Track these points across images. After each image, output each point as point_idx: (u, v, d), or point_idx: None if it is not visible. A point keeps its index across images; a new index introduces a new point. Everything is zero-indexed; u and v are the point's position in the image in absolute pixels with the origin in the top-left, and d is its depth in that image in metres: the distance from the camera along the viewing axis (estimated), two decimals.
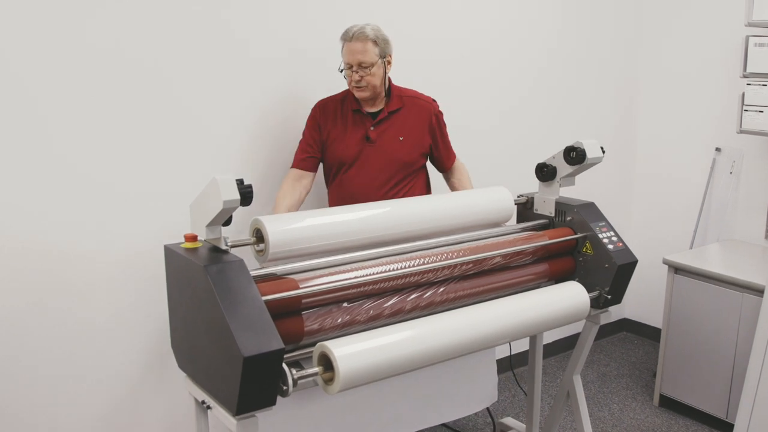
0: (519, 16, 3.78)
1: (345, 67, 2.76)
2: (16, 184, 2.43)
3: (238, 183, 1.88)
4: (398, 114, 2.87)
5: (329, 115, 2.86)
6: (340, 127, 2.85)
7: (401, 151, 2.86)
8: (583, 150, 2.65)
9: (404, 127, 2.87)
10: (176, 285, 2.07)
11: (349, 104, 2.86)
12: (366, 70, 2.73)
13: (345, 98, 2.89)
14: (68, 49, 2.47)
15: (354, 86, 2.77)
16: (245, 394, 1.78)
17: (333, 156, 2.85)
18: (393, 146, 2.85)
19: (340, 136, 2.84)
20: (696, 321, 3.55)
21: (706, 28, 4.12)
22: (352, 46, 2.71)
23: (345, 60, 2.75)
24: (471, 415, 3.63)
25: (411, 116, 2.90)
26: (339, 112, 2.87)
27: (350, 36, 2.72)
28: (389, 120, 2.86)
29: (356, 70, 2.73)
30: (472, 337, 2.20)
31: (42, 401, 2.60)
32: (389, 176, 2.85)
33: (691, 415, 3.66)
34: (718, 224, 4.13)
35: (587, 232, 2.64)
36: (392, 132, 2.85)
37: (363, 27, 2.72)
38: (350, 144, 2.83)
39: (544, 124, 4.03)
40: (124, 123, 2.63)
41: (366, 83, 2.75)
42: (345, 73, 2.78)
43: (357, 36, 2.71)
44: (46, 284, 2.54)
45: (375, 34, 2.73)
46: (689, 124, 4.27)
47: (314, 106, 2.91)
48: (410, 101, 2.91)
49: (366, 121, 2.85)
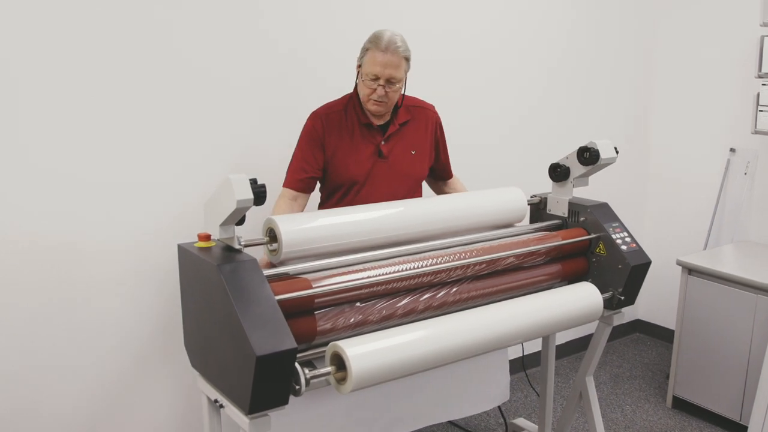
0: (531, 15, 3.77)
1: (368, 77, 2.51)
2: (26, 182, 2.45)
3: (252, 182, 1.89)
4: (408, 126, 2.71)
5: (333, 129, 2.60)
6: (348, 141, 2.61)
7: (414, 165, 2.72)
8: (597, 150, 2.64)
9: (415, 139, 2.72)
10: (190, 284, 2.07)
11: (354, 116, 2.62)
12: (393, 86, 2.52)
13: (347, 108, 2.64)
14: (77, 46, 2.48)
15: (374, 99, 2.54)
16: (258, 393, 1.78)
17: (343, 174, 2.62)
18: (406, 161, 2.69)
19: (349, 152, 2.61)
20: (710, 322, 3.53)
21: (720, 28, 4.10)
22: (386, 58, 2.47)
23: (371, 70, 2.49)
24: (483, 416, 3.63)
25: (420, 127, 2.75)
26: (344, 124, 2.62)
27: (384, 46, 2.48)
28: (400, 133, 2.69)
29: (383, 84, 2.51)
30: (485, 337, 2.19)
31: (50, 399, 2.61)
32: (405, 193, 2.70)
33: (705, 417, 3.64)
34: (732, 225, 4.11)
35: (600, 232, 2.63)
36: (403, 145, 2.69)
37: (395, 38, 2.50)
38: (362, 160, 2.62)
39: (557, 124, 4.02)
40: (137, 120, 2.64)
41: (388, 99, 2.55)
42: (365, 83, 2.53)
43: (393, 49, 2.48)
44: (58, 283, 2.56)
45: (407, 50, 2.53)
46: (703, 124, 4.25)
47: (312, 118, 2.63)
48: (417, 111, 2.75)
49: (375, 135, 2.65)
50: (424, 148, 2.76)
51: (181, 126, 2.74)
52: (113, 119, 2.58)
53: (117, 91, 2.58)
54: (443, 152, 2.88)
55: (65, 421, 2.65)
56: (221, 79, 2.80)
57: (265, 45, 2.88)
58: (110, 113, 2.57)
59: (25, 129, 2.42)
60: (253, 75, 2.87)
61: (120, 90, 2.58)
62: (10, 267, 2.45)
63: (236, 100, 2.85)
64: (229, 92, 2.83)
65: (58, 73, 2.45)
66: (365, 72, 2.52)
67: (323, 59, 3.03)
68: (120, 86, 2.58)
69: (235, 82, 2.83)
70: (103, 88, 2.54)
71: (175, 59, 2.68)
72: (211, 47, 2.75)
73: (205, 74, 2.76)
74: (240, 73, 2.84)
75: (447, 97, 3.26)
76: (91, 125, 2.54)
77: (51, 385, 2.60)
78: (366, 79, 2.52)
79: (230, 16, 2.77)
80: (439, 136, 2.84)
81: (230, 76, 2.82)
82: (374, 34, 2.53)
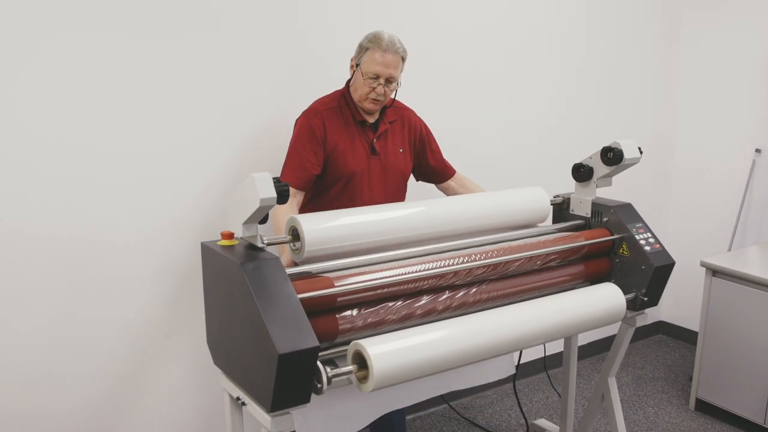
0: (555, 16, 3.76)
1: (368, 76, 2.54)
2: (47, 178, 2.47)
3: (275, 181, 1.89)
4: (395, 125, 2.76)
5: (333, 125, 2.62)
6: (346, 137, 2.64)
7: (402, 163, 2.76)
8: (621, 150, 2.62)
9: (402, 138, 2.77)
10: (212, 282, 2.08)
11: (349, 113, 2.65)
12: (390, 85, 2.57)
13: (341, 106, 2.66)
14: (86, 44, 2.50)
15: (371, 98, 2.58)
16: (280, 391, 1.79)
17: (341, 169, 2.63)
18: (396, 158, 2.74)
19: (348, 147, 2.63)
20: (734, 324, 3.50)
21: (746, 28, 4.06)
22: (387, 58, 2.52)
23: (371, 69, 2.53)
24: (504, 416, 3.62)
25: (405, 127, 2.79)
26: (341, 120, 2.64)
27: (385, 46, 2.53)
28: (389, 131, 2.73)
29: (382, 83, 2.55)
30: (507, 337, 2.18)
31: (69, 396, 2.64)
32: (396, 190, 2.75)
33: (728, 420, 3.61)
34: (757, 226, 4.07)
35: (624, 233, 2.61)
36: (393, 144, 2.73)
37: (394, 39, 2.56)
38: (358, 156, 2.64)
39: (582, 124, 4.00)
40: (158, 119, 2.66)
41: (385, 98, 2.60)
42: (365, 81, 2.56)
43: (393, 49, 2.54)
44: (75, 280, 2.58)
45: (405, 51, 2.59)
46: (728, 124, 4.21)
47: (308, 115, 2.63)
48: (402, 112, 2.80)
49: (368, 133, 2.68)
50: (408, 147, 2.80)
51: (197, 123, 2.75)
52: (129, 116, 2.60)
53: (139, 90, 2.60)
54: (437, 152, 2.90)
55: (83, 419, 2.68)
56: (239, 77, 2.82)
57: (295, 41, 2.89)
58: (126, 111, 2.59)
59: (39, 128, 2.44)
60: (275, 73, 2.88)
61: (141, 89, 2.60)
62: (25, 263, 2.47)
63: (255, 98, 2.87)
64: (246, 90, 2.84)
65: (89, 76, 2.48)
66: (365, 71, 2.55)
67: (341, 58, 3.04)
68: (151, 86, 2.60)
69: (254, 80, 2.85)
70: (122, 87, 2.57)
71: (186, 56, 2.70)
72: (244, 42, 2.77)
73: (221, 71, 2.77)
74: (263, 69, 2.85)
75: (473, 101, 3.27)
76: (107, 123, 2.56)
77: (70, 383, 2.63)
78: (366, 78, 2.55)
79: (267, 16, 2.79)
80: (425, 135, 2.86)
81: (253, 74, 2.84)
82: (374, 35, 2.57)
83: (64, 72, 2.44)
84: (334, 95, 2.70)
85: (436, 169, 2.91)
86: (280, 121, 2.90)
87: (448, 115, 3.38)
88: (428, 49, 3.26)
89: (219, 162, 2.80)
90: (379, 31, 2.58)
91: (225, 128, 2.80)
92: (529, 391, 3.93)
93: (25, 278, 2.47)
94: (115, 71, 2.54)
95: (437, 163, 2.90)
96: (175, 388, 2.86)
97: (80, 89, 2.48)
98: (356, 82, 2.60)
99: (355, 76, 2.61)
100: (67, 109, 2.47)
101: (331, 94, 2.71)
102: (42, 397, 2.56)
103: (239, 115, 2.83)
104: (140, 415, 2.79)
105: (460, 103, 3.44)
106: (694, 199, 4.47)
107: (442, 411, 3.68)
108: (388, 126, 2.73)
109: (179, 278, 2.78)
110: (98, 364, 2.66)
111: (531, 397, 3.86)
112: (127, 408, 2.76)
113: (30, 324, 2.50)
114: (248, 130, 2.86)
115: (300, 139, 2.60)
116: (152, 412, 2.82)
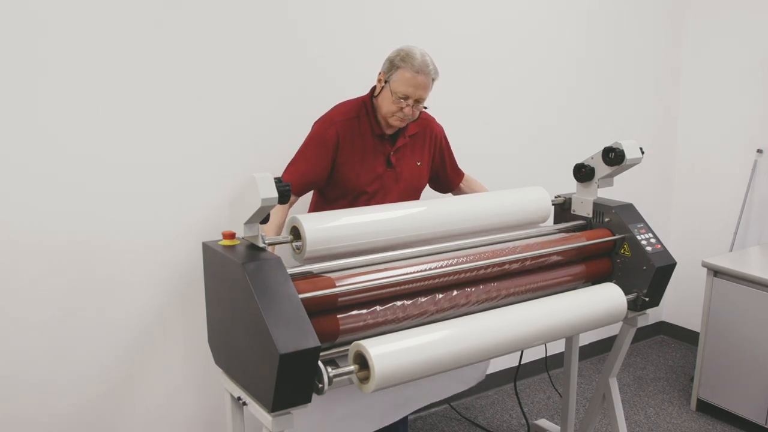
0: (556, 13, 3.75)
1: (397, 96, 2.47)
2: (47, 181, 2.47)
3: (276, 181, 1.89)
4: (416, 139, 2.71)
5: (348, 137, 2.56)
6: (360, 150, 2.58)
7: (417, 176, 2.72)
8: (622, 151, 2.62)
9: (422, 152, 2.73)
10: (214, 282, 2.08)
11: (367, 125, 2.59)
12: (419, 105, 2.53)
13: (360, 116, 2.60)
14: (96, 42, 2.50)
15: (398, 116, 2.52)
16: (281, 391, 1.79)
17: (353, 182, 2.59)
18: (412, 172, 2.69)
19: (361, 161, 2.58)
20: (735, 325, 3.49)
21: (748, 28, 4.05)
22: (419, 79, 2.46)
23: (402, 89, 2.46)
24: (505, 416, 3.62)
25: (427, 139, 2.74)
26: (358, 132, 2.58)
27: (417, 68, 2.46)
28: (408, 144, 2.68)
29: (411, 104, 2.49)
30: (508, 337, 2.19)
31: (72, 398, 2.64)
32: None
33: (730, 421, 3.61)
34: (758, 226, 4.07)
35: (625, 233, 2.61)
36: (410, 157, 2.69)
37: (426, 59, 2.49)
38: (372, 170, 2.60)
39: (583, 124, 4.00)
40: (160, 118, 2.65)
41: (412, 117, 2.54)
42: (393, 100, 2.49)
43: (426, 71, 2.48)
44: (79, 282, 2.58)
45: (437, 72, 2.52)
46: (730, 124, 4.21)
47: (325, 124, 2.58)
48: (425, 123, 2.74)
49: (386, 145, 2.63)
50: (426, 160, 2.76)
51: (213, 125, 2.75)
52: (137, 120, 2.59)
53: (148, 90, 2.59)
54: (450, 164, 2.88)
55: (84, 419, 2.67)
56: (250, 80, 2.81)
57: (294, 51, 2.89)
58: (134, 114, 2.59)
59: (47, 130, 2.43)
60: (282, 77, 2.89)
61: (152, 89, 2.60)
62: (31, 267, 2.47)
63: (264, 101, 2.87)
64: (254, 94, 2.84)
65: (90, 77, 2.47)
66: (395, 90, 2.48)
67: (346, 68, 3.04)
68: (152, 86, 2.60)
69: (263, 82, 2.85)
70: (134, 87, 2.56)
71: (194, 58, 2.69)
72: (245, 48, 2.77)
73: (233, 75, 2.77)
74: (269, 74, 2.85)
75: (473, 100, 3.26)
76: (114, 126, 2.55)
77: (72, 383, 2.62)
78: (395, 97, 2.49)
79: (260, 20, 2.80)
80: (445, 147, 2.83)
81: (260, 77, 2.83)
82: (405, 52, 2.50)
83: (75, 83, 2.45)
84: (354, 103, 2.64)
85: (451, 175, 2.90)
86: (287, 129, 2.89)
87: (448, 115, 3.35)
88: (428, 49, 3.23)
89: (220, 163, 2.80)
90: (412, 49, 2.51)
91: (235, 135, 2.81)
92: (531, 392, 3.93)
93: (26, 278, 2.47)
94: (122, 82, 2.54)
95: (452, 171, 2.89)
96: (176, 388, 2.86)
97: (94, 101, 2.49)
98: (384, 99, 2.54)
99: (383, 92, 2.54)
100: (83, 120, 2.47)
101: (352, 101, 2.65)
102: (43, 397, 2.56)
103: (249, 121, 2.84)
104: (141, 415, 2.79)
105: (461, 103, 3.44)
106: (695, 200, 4.46)
107: (443, 411, 3.68)
108: (407, 140, 2.67)
109: (180, 278, 2.78)
110: (100, 364, 2.66)
111: (532, 398, 3.86)
112: (129, 408, 2.76)
113: (30, 324, 2.50)
114: (256, 137, 2.87)
115: (309, 147, 2.57)
116: (153, 412, 2.82)
